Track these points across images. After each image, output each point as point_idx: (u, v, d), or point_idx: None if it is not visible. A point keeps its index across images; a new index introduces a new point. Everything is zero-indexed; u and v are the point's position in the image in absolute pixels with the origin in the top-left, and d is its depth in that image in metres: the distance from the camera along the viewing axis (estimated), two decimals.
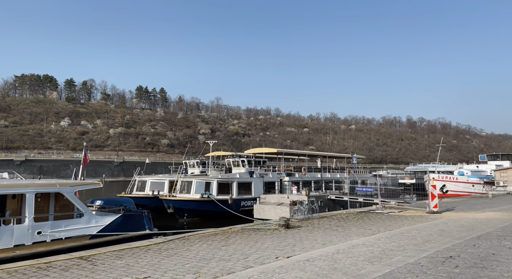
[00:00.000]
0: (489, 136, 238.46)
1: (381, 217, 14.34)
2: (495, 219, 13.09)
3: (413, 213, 15.70)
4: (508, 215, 14.30)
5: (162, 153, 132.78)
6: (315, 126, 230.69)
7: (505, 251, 7.63)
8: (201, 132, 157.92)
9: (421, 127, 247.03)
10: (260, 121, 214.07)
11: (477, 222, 12.49)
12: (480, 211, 16.21)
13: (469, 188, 44.23)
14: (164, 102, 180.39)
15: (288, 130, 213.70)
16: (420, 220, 13.25)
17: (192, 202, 21.75)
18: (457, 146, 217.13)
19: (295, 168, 30.65)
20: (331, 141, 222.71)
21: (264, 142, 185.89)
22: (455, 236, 9.57)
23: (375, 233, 10.18)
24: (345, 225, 11.96)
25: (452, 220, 13.12)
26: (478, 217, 13.96)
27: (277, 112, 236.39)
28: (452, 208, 17.80)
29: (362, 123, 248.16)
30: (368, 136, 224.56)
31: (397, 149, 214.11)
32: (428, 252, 7.55)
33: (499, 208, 17.57)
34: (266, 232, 10.56)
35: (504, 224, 11.89)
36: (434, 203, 15.26)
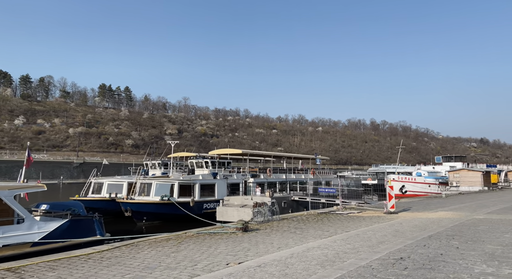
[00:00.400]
0: (445, 139, 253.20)
1: (340, 218, 14.44)
2: (446, 219, 13.58)
3: (372, 213, 15.99)
4: (458, 215, 14.92)
5: (126, 154, 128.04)
6: (283, 128, 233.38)
7: (453, 251, 7.79)
8: (167, 132, 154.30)
9: (383, 130, 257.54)
10: (229, 122, 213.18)
11: (429, 221, 12.87)
12: (434, 210, 16.83)
13: (426, 188, 46.41)
14: (129, 101, 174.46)
15: (257, 132, 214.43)
16: (377, 220, 13.46)
17: (151, 204, 20.88)
18: (416, 148, 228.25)
19: (260, 169, 30.52)
20: (299, 142, 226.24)
21: (233, 143, 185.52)
22: (408, 237, 9.72)
23: (332, 235, 10.13)
24: (303, 227, 11.86)
25: (407, 220, 13.45)
26: (431, 216, 14.43)
27: (246, 113, 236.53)
28: (408, 208, 18.37)
29: (328, 125, 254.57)
30: (334, 138, 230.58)
31: (361, 150, 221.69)
32: (380, 254, 7.54)
33: (450, 207, 18.36)
34: (222, 236, 10.18)
35: (453, 223, 12.33)
36: (391, 203, 15.62)
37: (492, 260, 6.91)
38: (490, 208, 17.71)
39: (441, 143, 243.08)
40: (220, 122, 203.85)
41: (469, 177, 43.66)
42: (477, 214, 15.08)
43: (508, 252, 7.55)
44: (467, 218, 13.72)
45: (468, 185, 43.35)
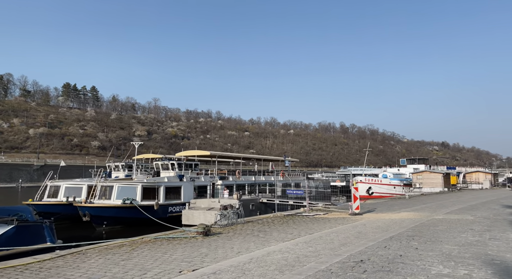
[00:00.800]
0: (410, 143, 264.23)
1: (306, 220, 14.32)
2: (408, 219, 13.82)
3: (337, 215, 16.03)
4: (419, 215, 15.26)
5: (92, 156, 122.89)
6: (255, 130, 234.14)
7: (412, 252, 7.79)
8: (136, 134, 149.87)
9: (352, 133, 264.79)
10: (201, 124, 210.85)
11: (392, 222, 13.02)
12: (397, 211, 17.16)
13: (391, 190, 47.93)
14: (95, 101, 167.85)
15: (229, 134, 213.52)
16: (342, 222, 13.46)
17: (112, 208, 19.85)
18: (383, 150, 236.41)
19: (229, 171, 30.06)
20: (271, 145, 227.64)
21: (204, 145, 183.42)
22: (370, 238, 9.69)
23: (295, 238, 9.92)
24: (268, 229, 11.58)
25: (370, 221, 13.54)
26: (394, 217, 14.65)
27: (218, 115, 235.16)
28: (373, 209, 18.64)
29: (300, 128, 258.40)
30: (305, 141, 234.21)
31: (331, 153, 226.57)
32: (341, 257, 7.38)
33: (413, 208, 18.84)
34: (181, 241, 9.68)
35: (414, 224, 12.54)
36: (356, 204, 15.74)
37: (449, 260, 6.93)
38: (449, 208, 18.34)
39: (406, 146, 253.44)
40: (191, 124, 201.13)
41: (431, 178, 45.53)
42: (437, 214, 15.51)
43: (464, 252, 7.64)
44: (428, 218, 14.04)
45: (430, 186, 45.19)
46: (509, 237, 9.59)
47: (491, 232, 10.45)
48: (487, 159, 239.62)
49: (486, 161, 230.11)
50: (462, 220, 13.55)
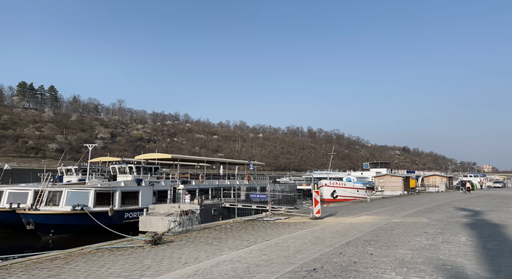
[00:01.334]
0: (374, 147, 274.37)
1: (265, 225, 13.90)
2: (367, 223, 13.81)
3: (298, 219, 15.76)
4: (378, 219, 15.35)
5: (49, 159, 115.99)
6: (224, 134, 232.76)
7: (366, 258, 7.56)
8: (99, 136, 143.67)
9: (320, 138, 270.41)
10: (168, 126, 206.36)
11: (351, 226, 12.91)
12: (357, 215, 17.21)
13: (354, 193, 48.95)
14: (54, 102, 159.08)
15: (197, 137, 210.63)
16: (302, 226, 13.18)
17: (60, 215, 18.37)
18: (348, 155, 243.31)
19: (192, 175, 29.14)
20: (240, 148, 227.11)
21: (171, 148, 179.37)
22: (327, 244, 9.42)
23: (251, 245, 9.43)
24: (224, 236, 11.01)
25: (330, 225, 13.37)
26: (354, 221, 14.61)
27: (186, 118, 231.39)
28: (334, 212, 18.62)
29: (269, 132, 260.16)
30: (274, 145, 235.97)
31: (299, 156, 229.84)
32: (294, 265, 6.98)
33: (373, 211, 19.04)
34: (126, 251, 8.86)
35: (373, 227, 12.50)
36: (317, 208, 15.56)
37: (402, 267, 6.74)
38: (407, 211, 18.70)
39: (370, 151, 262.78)
40: (158, 127, 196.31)
41: (392, 182, 46.99)
42: (395, 218, 15.68)
43: (417, 257, 7.53)
44: (386, 222, 14.11)
45: (391, 190, 46.60)
46: (460, 240, 9.70)
47: (444, 235, 10.57)
48: (443, 163, 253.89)
49: (443, 165, 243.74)
50: (418, 222, 13.73)
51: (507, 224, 13.13)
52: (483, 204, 23.16)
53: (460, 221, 14.26)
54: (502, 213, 17.11)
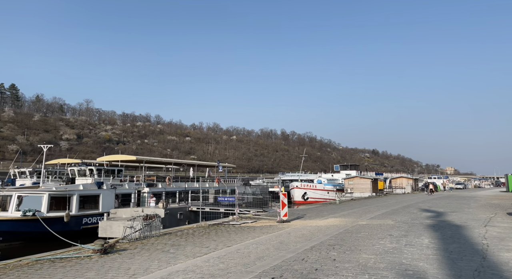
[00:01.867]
0: (345, 150, 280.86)
1: (231, 229, 13.36)
2: (334, 226, 13.61)
3: (265, 222, 15.35)
4: (345, 221, 15.23)
5: (8, 161, 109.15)
6: (197, 136, 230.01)
7: (329, 264, 7.22)
8: (64, 137, 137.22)
9: (293, 140, 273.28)
10: (138, 128, 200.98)
11: (317, 230, 12.65)
12: (325, 217, 17.06)
13: (325, 195, 49.41)
14: (15, 101, 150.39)
15: (169, 139, 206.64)
16: (268, 230, 12.77)
17: (9, 222, 16.90)
18: (320, 157, 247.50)
19: (159, 178, 28.05)
20: (213, 151, 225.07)
21: (142, 150, 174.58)
22: (290, 249, 9.03)
23: (210, 252, 8.87)
24: (183, 243, 10.37)
25: (296, 228, 13.05)
26: (321, 224, 14.39)
27: (158, 119, 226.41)
28: (302, 215, 18.38)
29: (242, 134, 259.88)
30: (247, 147, 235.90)
31: (272, 159, 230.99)
32: (252, 274, 6.51)
33: (341, 213, 19.00)
34: (70, 262, 8.03)
35: (339, 230, 12.29)
36: (284, 211, 15.22)
37: (364, 273, 6.45)
38: (374, 213, 18.81)
39: (341, 153, 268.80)
40: (128, 128, 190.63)
41: (361, 184, 47.91)
42: (361, 220, 15.64)
43: (380, 262, 7.28)
44: (352, 224, 13.99)
45: (360, 191, 47.50)
46: (423, 242, 9.63)
47: (408, 238, 10.50)
48: (410, 166, 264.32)
49: (409, 167, 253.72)
50: (383, 225, 13.71)
51: (467, 225, 13.37)
52: (446, 205, 23.85)
53: (424, 222, 14.40)
54: (462, 214, 17.56)
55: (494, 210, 20.25)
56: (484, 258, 7.52)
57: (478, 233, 11.26)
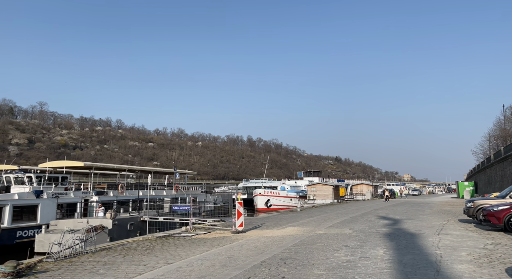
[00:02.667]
0: (309, 157, 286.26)
1: (179, 242, 12.30)
2: (290, 236, 12.99)
3: (220, 234, 14.43)
4: (302, 230, 14.69)
5: None
6: (161, 141, 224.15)
7: None
8: (13, 142, 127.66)
9: (259, 147, 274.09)
10: (98, 133, 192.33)
11: (272, 241, 11.95)
12: (283, 226, 16.45)
13: (288, 202, 49.27)
14: None
15: (131, 144, 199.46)
16: (219, 243, 11.87)
17: None
18: (286, 164, 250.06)
19: (110, 185, 26.18)
20: (177, 157, 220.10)
21: (101, 156, 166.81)
22: (238, 265, 8.21)
23: (146, 271, 7.82)
24: (119, 260, 9.19)
25: (251, 240, 12.27)
26: (277, 234, 13.72)
27: (119, 124, 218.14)
28: (261, 224, 17.67)
29: (208, 140, 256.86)
30: (213, 153, 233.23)
31: (238, 165, 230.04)
32: None
33: (300, 222, 18.52)
34: None
35: (294, 241, 11.67)
36: (240, 221, 14.40)
37: None
38: (333, 221, 18.51)
39: (306, 160, 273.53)
40: (86, 133, 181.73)
41: (323, 190, 48.28)
42: (319, 229, 15.20)
43: None
44: (309, 234, 13.46)
45: (322, 198, 47.80)
46: (378, 254, 9.22)
47: (363, 248, 10.08)
48: (370, 172, 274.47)
49: (370, 174, 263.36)
50: (340, 234, 13.31)
51: (422, 233, 13.32)
52: (402, 212, 24.25)
53: (381, 231, 14.21)
54: (417, 221, 17.72)
55: (446, 216, 20.77)
56: (438, 271, 7.16)
57: (432, 242, 11.13)
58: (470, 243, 10.82)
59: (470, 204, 16.93)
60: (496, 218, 13.42)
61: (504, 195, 16.29)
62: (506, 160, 41.31)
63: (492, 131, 59.42)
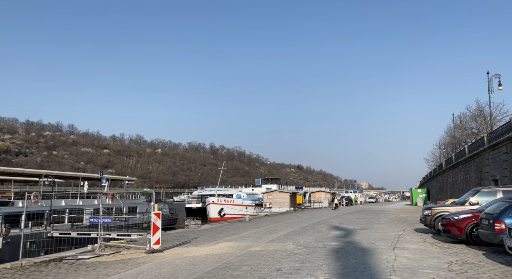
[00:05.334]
0: (272, 165, 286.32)
1: (66, 270, 9.08)
2: (215, 256, 10.24)
3: (129, 254, 11.34)
4: (237, 246, 12.02)
5: None
6: (117, 148, 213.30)
7: None
8: None
9: (221, 155, 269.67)
10: (46, 138, 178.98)
11: (187, 264, 9.13)
12: (217, 241, 13.68)
13: (243, 211, 46.47)
14: None
15: (83, 151, 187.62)
16: (118, 268, 8.86)
17: None
18: (248, 172, 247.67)
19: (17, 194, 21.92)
20: (134, 164, 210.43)
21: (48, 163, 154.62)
22: None
23: None
24: None
25: (160, 264, 9.36)
26: (202, 253, 10.92)
27: (71, 129, 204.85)
28: (192, 239, 14.76)
29: (169, 147, 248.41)
30: (173, 161, 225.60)
31: (199, 173, 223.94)
32: None
33: (240, 234, 15.86)
34: None
35: (216, 264, 8.94)
36: (156, 238, 11.40)
37: None
38: (278, 233, 16.07)
39: (268, 168, 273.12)
40: (32, 138, 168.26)
41: (280, 198, 46.17)
42: (258, 244, 12.62)
43: None
44: (242, 252, 10.81)
45: (279, 206, 45.64)
46: None
47: (300, 273, 7.60)
48: (331, 180, 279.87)
49: (330, 182, 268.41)
50: (279, 251, 10.80)
51: (375, 247, 11.18)
52: (357, 221, 22.45)
53: (329, 245, 11.91)
54: (372, 232, 15.76)
55: (402, 225, 19.14)
56: None
57: (386, 261, 8.93)
58: (431, 261, 8.75)
59: (427, 212, 15.24)
60: (457, 228, 11.62)
61: (463, 201, 14.75)
62: (457, 167, 41.79)
63: (443, 139, 61.19)
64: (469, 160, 35.81)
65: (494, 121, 41.47)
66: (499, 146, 25.99)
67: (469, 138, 48.90)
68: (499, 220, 9.49)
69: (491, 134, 29.34)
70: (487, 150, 28.93)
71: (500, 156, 25.84)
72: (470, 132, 49.79)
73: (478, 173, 32.19)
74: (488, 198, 13.79)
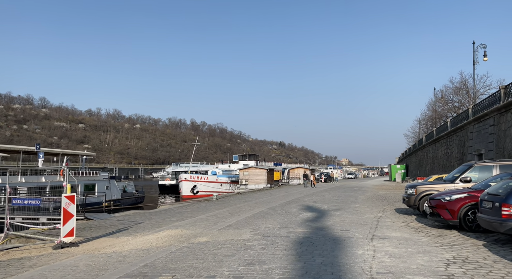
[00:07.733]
0: (254, 141, 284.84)
1: None
2: (141, 252, 7.72)
3: (30, 250, 8.70)
4: (179, 235, 9.55)
5: None
6: (94, 123, 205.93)
7: None
8: None
9: (203, 131, 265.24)
10: (15, 111, 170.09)
11: (91, 269, 6.57)
12: (161, 227, 11.20)
13: (218, 188, 44.30)
14: None
15: (57, 125, 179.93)
16: (10, 273, 6.21)
17: None
18: (230, 148, 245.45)
19: None
20: (112, 140, 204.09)
21: (19, 138, 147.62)
22: None
23: None
24: None
25: (54, 267, 6.76)
26: (126, 248, 8.38)
27: (43, 102, 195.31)
28: (136, 224, 12.22)
29: (148, 123, 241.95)
30: (153, 137, 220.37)
31: (180, 149, 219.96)
32: None
33: (195, 218, 13.44)
34: None
35: (130, 268, 6.42)
36: (68, 228, 8.73)
37: None
38: (241, 216, 13.74)
39: (250, 145, 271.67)
40: (0, 111, 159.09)
41: (256, 174, 44.15)
42: (208, 231, 10.21)
43: None
44: (180, 245, 8.34)
45: (255, 183, 43.69)
46: None
47: None
48: (312, 157, 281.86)
49: (312, 158, 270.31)
50: (229, 243, 8.40)
51: (349, 236, 8.95)
52: (333, 199, 20.47)
53: (293, 233, 9.62)
54: (347, 214, 13.63)
55: (381, 204, 17.21)
56: None
57: (362, 258, 6.66)
58: (422, 259, 6.52)
59: (411, 191, 13.17)
60: (448, 211, 9.50)
61: (453, 178, 12.69)
62: (438, 141, 40.57)
63: (424, 114, 60.11)
64: (451, 134, 34.39)
65: (477, 94, 40.06)
66: (486, 118, 24.27)
67: (450, 112, 47.74)
68: (508, 202, 7.31)
69: (476, 106, 27.60)
70: (472, 122, 27.29)
71: (486, 129, 24.17)
72: (451, 106, 48.60)
73: (460, 147, 30.77)
74: (482, 174, 11.79)
